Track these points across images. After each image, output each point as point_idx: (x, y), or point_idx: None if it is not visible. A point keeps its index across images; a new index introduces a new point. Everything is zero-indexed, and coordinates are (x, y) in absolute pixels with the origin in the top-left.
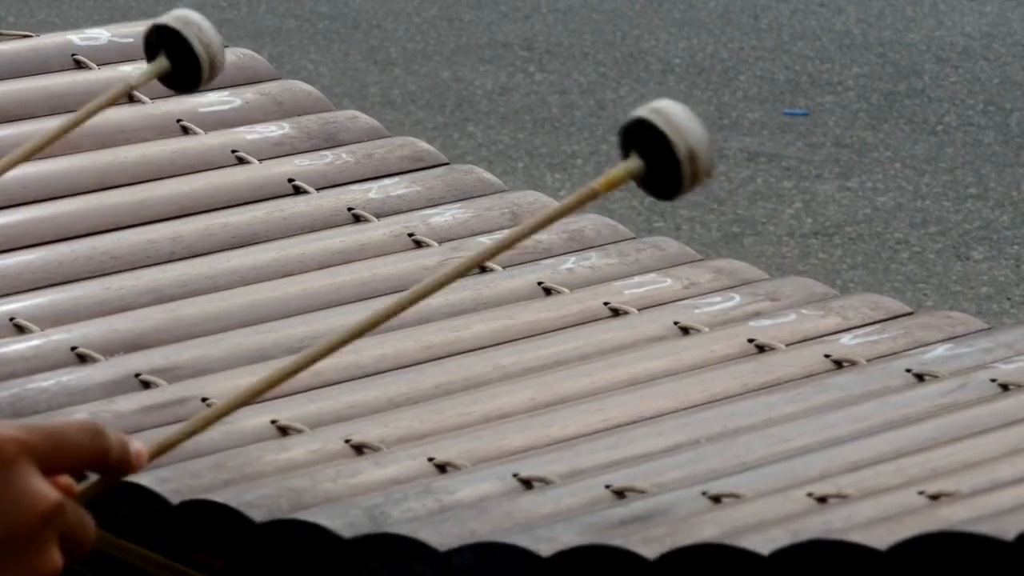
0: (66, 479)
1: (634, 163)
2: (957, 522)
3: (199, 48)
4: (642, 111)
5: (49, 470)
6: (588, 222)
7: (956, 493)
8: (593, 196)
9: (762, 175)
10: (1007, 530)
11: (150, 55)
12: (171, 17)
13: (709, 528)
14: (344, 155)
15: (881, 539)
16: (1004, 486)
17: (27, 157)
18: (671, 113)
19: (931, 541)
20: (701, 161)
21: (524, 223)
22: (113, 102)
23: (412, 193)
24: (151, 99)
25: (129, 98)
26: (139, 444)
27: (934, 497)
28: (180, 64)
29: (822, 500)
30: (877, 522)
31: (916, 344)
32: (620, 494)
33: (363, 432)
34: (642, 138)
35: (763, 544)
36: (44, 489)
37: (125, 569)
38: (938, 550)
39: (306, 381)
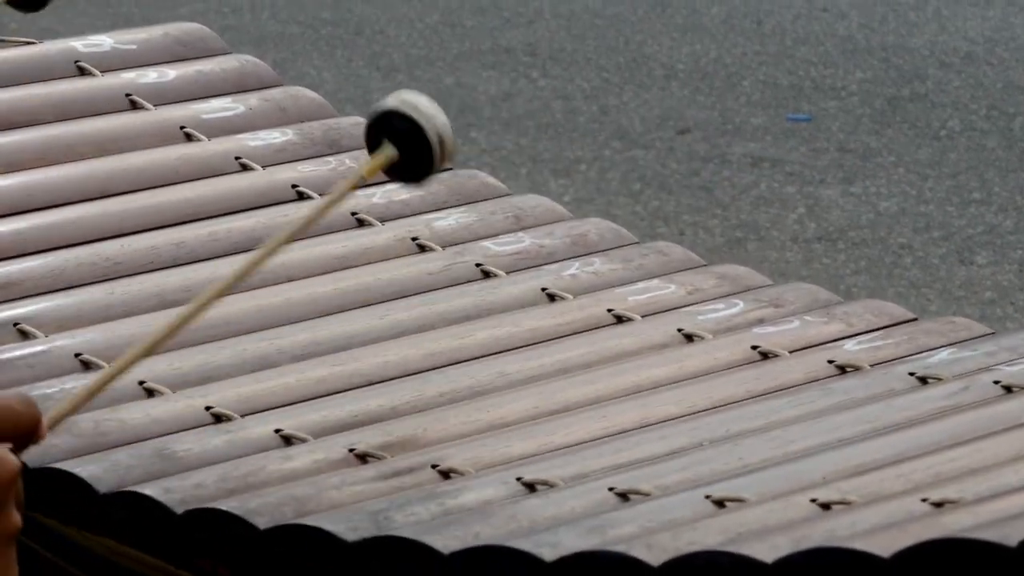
0: None
1: (390, 150)
2: (960, 529)
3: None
4: (392, 102)
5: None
6: (591, 226)
7: (959, 500)
8: (360, 183)
9: (765, 180)
10: (1010, 537)
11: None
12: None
13: (712, 534)
14: (347, 161)
15: (885, 546)
16: (1007, 493)
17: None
18: (419, 103)
19: (934, 548)
20: (448, 145)
21: (302, 215)
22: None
23: (415, 198)
24: (154, 106)
25: (132, 104)
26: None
27: (937, 504)
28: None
29: (826, 507)
30: (881, 529)
31: (920, 349)
32: (624, 497)
33: (367, 440)
34: (394, 127)
35: (767, 552)
36: (9, 456)
37: None
38: (941, 557)
39: (310, 389)
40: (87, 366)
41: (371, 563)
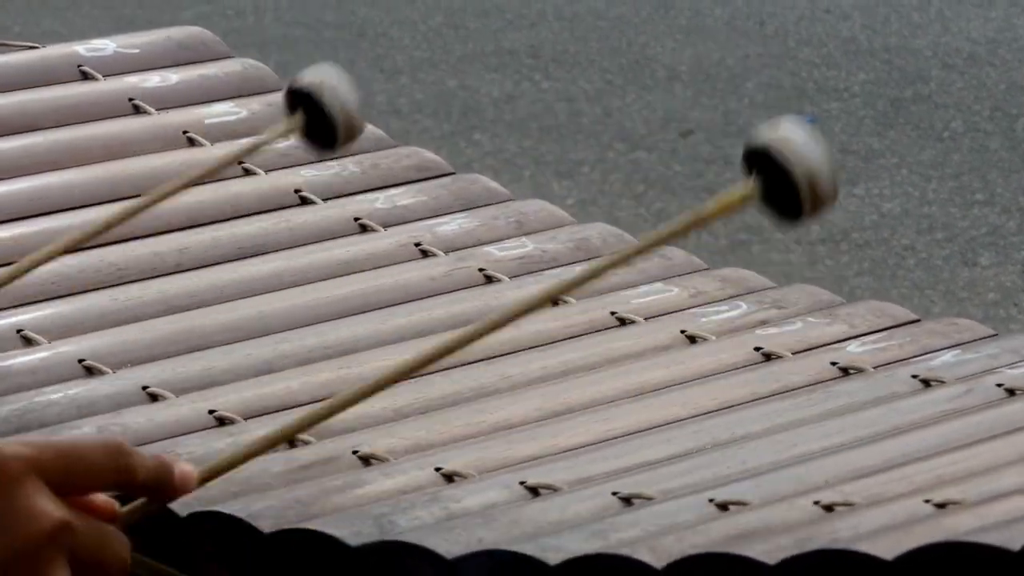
0: (107, 501)
1: (751, 185)
2: (963, 532)
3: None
4: (767, 136)
5: (63, 490)
6: (594, 231)
7: (963, 502)
8: (704, 222)
9: None
10: (1014, 540)
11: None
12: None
13: (716, 537)
14: (350, 166)
15: (887, 549)
16: (1011, 495)
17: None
18: (792, 138)
19: (937, 551)
20: (822, 185)
21: (609, 257)
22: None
23: (418, 203)
24: (157, 110)
25: (135, 109)
26: (186, 466)
27: (940, 506)
28: (315, 123)
29: (828, 509)
30: (883, 531)
31: (923, 351)
32: (627, 501)
33: (371, 443)
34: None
35: (770, 554)
36: (49, 508)
37: None
38: (944, 560)
39: (314, 393)
40: (90, 372)
41: (375, 567)
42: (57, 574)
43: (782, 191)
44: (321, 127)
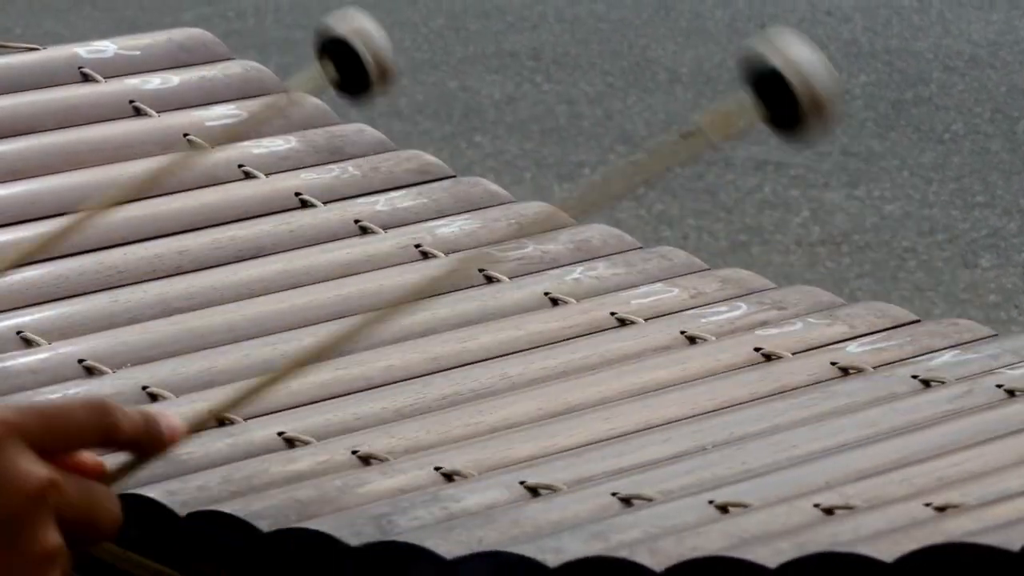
0: (95, 460)
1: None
2: (963, 534)
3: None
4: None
5: (47, 450)
6: (595, 232)
7: (962, 505)
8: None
9: (769, 184)
10: (1013, 541)
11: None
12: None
13: (716, 540)
14: (351, 168)
15: (887, 551)
16: (1011, 497)
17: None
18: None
19: (937, 553)
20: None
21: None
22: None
23: (419, 205)
24: (158, 113)
25: (136, 111)
26: (173, 418)
27: (940, 509)
28: (346, 71)
29: (829, 511)
30: (883, 534)
31: (923, 351)
32: (627, 502)
33: (370, 443)
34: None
35: (770, 556)
36: (33, 468)
37: None
38: (944, 562)
39: (313, 392)
40: (90, 372)
41: (374, 567)
42: (46, 535)
43: (780, 101)
44: (354, 75)
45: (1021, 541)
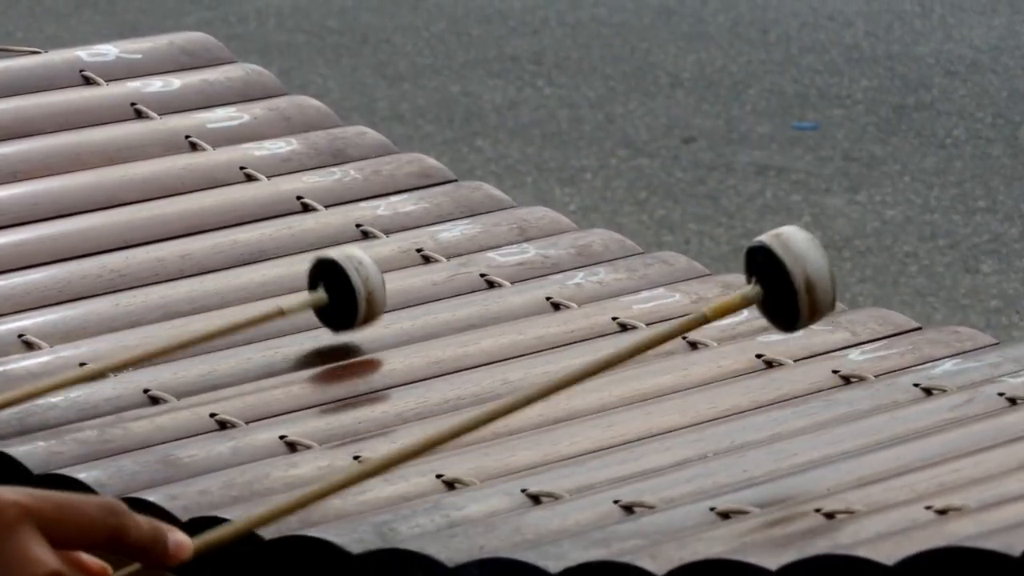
0: (101, 564)
1: (751, 289)
2: (964, 537)
3: (358, 284)
4: (765, 237)
5: (57, 542)
6: (596, 237)
7: (964, 508)
8: (703, 322)
9: (771, 189)
10: (1014, 546)
11: (311, 284)
12: (337, 252)
13: (717, 544)
14: (352, 172)
15: (888, 554)
16: (1012, 501)
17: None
18: (791, 240)
19: (938, 556)
20: (819, 291)
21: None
22: (260, 323)
23: (420, 209)
24: (159, 116)
25: (137, 114)
26: (181, 535)
27: (941, 512)
28: (338, 299)
29: (830, 516)
30: (884, 537)
31: (924, 359)
32: (629, 509)
33: (372, 448)
34: (761, 264)
35: (771, 560)
36: (42, 555)
37: None
38: (945, 565)
39: (314, 397)
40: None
41: (376, 574)
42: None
43: (782, 294)
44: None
45: (1022, 546)
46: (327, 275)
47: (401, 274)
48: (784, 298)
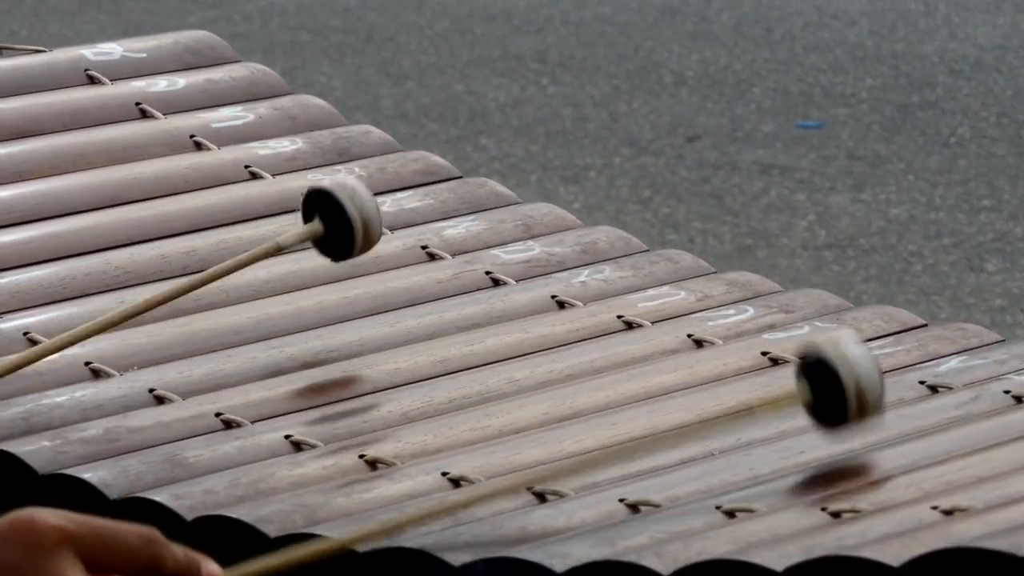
0: None
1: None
2: (971, 538)
3: (353, 213)
4: (821, 344)
5: (94, 568)
6: (601, 235)
7: (970, 508)
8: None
9: (775, 187)
10: (1021, 546)
11: (306, 216)
12: (329, 181)
13: (723, 543)
14: (357, 169)
15: (895, 555)
16: (1018, 501)
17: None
18: (842, 345)
19: (944, 557)
20: (869, 396)
21: None
22: (260, 259)
23: (425, 206)
24: (164, 115)
25: (142, 113)
26: (214, 566)
27: (948, 512)
28: (334, 229)
29: (836, 515)
30: (891, 538)
31: (929, 356)
32: (634, 508)
33: (377, 447)
34: (811, 371)
35: (777, 560)
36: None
37: None
38: (952, 566)
39: (320, 397)
40: (97, 375)
41: (381, 573)
42: None
43: (830, 398)
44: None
45: None
46: (321, 206)
47: (406, 271)
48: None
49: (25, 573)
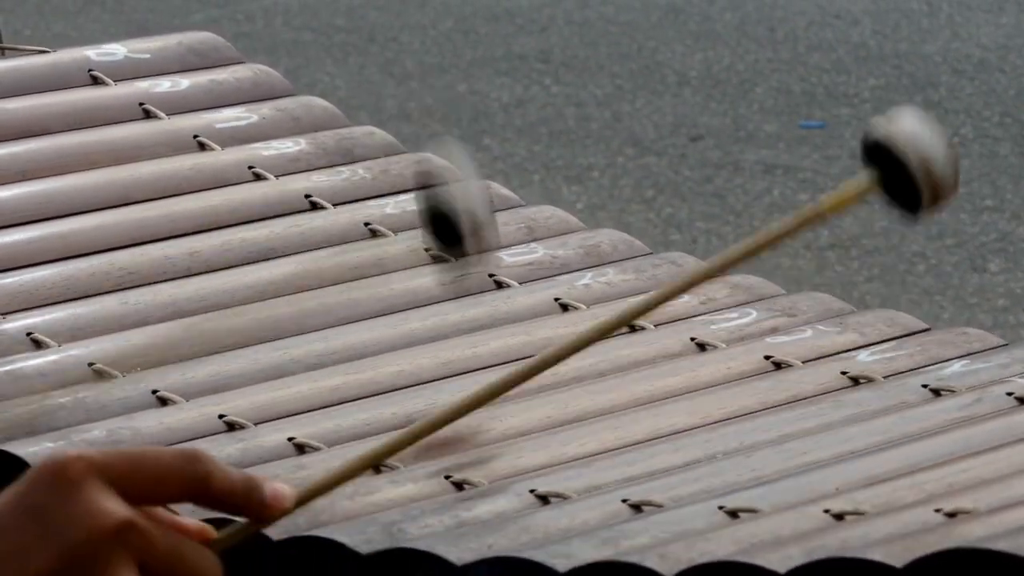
0: (200, 525)
1: (864, 179)
2: (974, 539)
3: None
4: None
5: (133, 495)
6: (604, 237)
7: (973, 510)
8: (820, 218)
9: (778, 187)
10: None
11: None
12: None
13: (726, 545)
14: (361, 171)
15: (898, 557)
16: (1021, 502)
17: None
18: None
19: (948, 559)
20: (936, 172)
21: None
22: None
23: None
24: (168, 115)
25: (146, 114)
26: (280, 485)
27: (951, 514)
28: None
29: (839, 517)
30: (894, 539)
31: (933, 360)
32: (637, 508)
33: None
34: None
35: (780, 562)
36: (111, 506)
37: None
38: (954, 567)
39: (324, 398)
40: (100, 376)
41: (383, 573)
42: (122, 574)
43: (900, 183)
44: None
45: None
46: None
47: (410, 274)
48: (902, 180)
49: (54, 511)
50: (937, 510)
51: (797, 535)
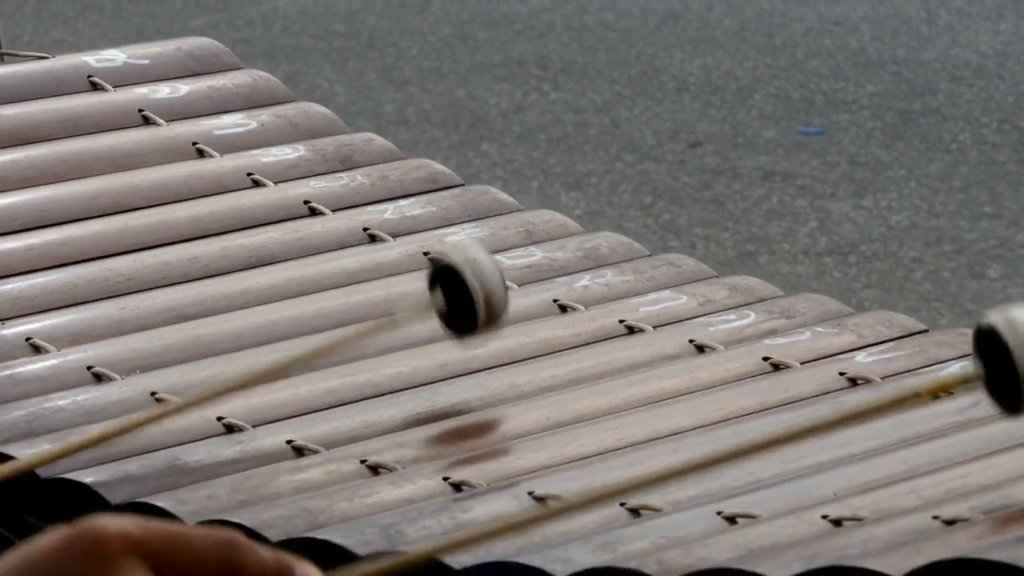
0: None
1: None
2: (972, 549)
3: (475, 287)
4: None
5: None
6: (603, 239)
7: (971, 519)
8: (917, 399)
9: (777, 193)
10: (1022, 558)
11: (431, 286)
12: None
13: (724, 550)
14: (359, 177)
15: (896, 566)
16: (1019, 509)
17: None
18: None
19: (946, 568)
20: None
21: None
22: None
23: (427, 213)
24: (167, 122)
25: (145, 120)
26: (309, 567)
27: (949, 522)
28: (456, 304)
29: (837, 523)
30: (892, 548)
31: (931, 362)
32: (635, 512)
33: (379, 452)
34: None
35: (778, 570)
36: None
37: None
38: None
39: (321, 400)
40: (99, 379)
41: None
42: None
43: (1003, 377)
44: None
45: None
46: (444, 280)
47: (408, 278)
48: (1007, 381)
49: None
50: (935, 517)
51: (795, 541)
